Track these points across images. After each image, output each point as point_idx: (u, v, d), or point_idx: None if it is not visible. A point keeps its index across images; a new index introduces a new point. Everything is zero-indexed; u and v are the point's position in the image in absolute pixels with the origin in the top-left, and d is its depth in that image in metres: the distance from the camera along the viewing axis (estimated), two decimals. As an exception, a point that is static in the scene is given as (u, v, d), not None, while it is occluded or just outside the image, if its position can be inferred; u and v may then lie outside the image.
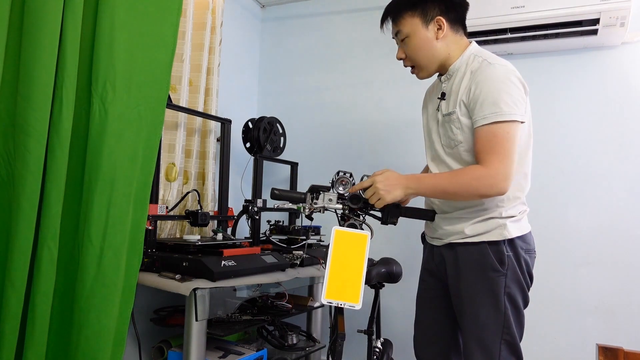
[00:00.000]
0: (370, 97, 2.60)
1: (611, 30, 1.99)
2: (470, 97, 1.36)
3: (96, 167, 1.46)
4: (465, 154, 1.41)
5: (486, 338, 1.37)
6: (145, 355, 1.96)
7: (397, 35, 1.52)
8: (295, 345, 2.12)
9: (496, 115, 1.30)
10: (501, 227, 1.37)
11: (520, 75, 1.38)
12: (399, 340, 2.17)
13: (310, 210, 1.39)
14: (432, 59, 1.48)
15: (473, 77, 1.37)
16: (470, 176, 1.32)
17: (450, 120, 1.43)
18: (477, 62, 1.40)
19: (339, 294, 1.19)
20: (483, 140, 1.32)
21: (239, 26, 2.76)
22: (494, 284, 1.36)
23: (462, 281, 1.42)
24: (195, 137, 2.27)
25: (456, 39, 1.48)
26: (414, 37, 1.46)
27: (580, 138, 2.17)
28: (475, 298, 1.38)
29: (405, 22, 1.47)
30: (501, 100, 1.30)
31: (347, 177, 1.39)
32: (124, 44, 1.49)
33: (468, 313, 1.40)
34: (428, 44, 1.46)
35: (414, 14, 1.46)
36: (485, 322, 1.37)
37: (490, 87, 1.32)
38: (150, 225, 1.75)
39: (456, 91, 1.42)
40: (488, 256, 1.36)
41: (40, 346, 1.37)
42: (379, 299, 1.88)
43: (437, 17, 1.45)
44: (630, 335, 2.01)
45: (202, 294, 1.61)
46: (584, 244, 2.12)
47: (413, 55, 1.49)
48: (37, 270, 1.37)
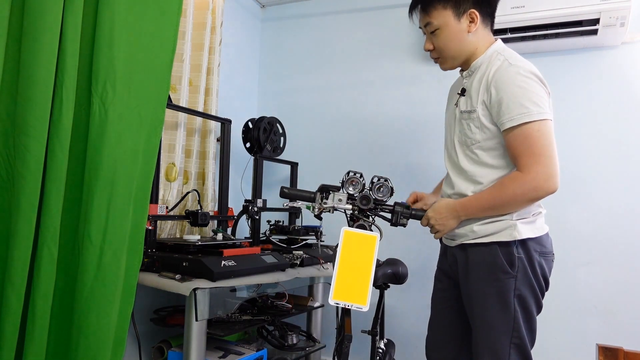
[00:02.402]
0: (370, 97, 2.60)
1: (611, 30, 1.99)
2: (492, 99, 1.33)
3: (96, 167, 1.45)
4: (481, 153, 1.39)
5: (495, 341, 1.34)
6: (145, 355, 1.96)
7: (426, 27, 1.47)
8: (295, 345, 2.12)
9: (524, 116, 1.27)
10: (511, 228, 1.34)
11: (542, 75, 1.35)
12: (400, 340, 2.17)
13: (320, 210, 1.39)
14: (461, 52, 1.44)
15: (493, 77, 1.34)
16: (513, 187, 1.29)
17: (470, 118, 1.40)
18: (499, 61, 1.36)
19: (347, 295, 1.18)
20: (516, 144, 1.29)
21: (239, 26, 2.76)
22: (504, 285, 1.33)
23: (471, 282, 1.40)
24: (195, 137, 2.27)
25: (485, 33, 1.45)
26: (446, 29, 1.42)
27: (580, 138, 2.17)
28: (484, 300, 1.37)
29: (437, 14, 1.42)
30: (527, 100, 1.28)
31: (357, 177, 1.38)
32: (124, 44, 1.49)
33: (477, 315, 1.39)
34: (459, 37, 1.42)
35: (446, 5, 1.41)
36: (494, 325, 1.35)
37: (514, 88, 1.30)
38: (150, 225, 1.75)
39: (477, 89, 1.39)
40: (497, 257, 1.34)
41: (40, 346, 1.37)
42: (383, 299, 1.88)
43: (470, 10, 1.41)
44: (630, 335, 2.01)
45: (202, 294, 1.61)
46: (584, 244, 2.12)
47: (443, 47, 1.45)
48: (37, 270, 1.37)
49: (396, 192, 1.68)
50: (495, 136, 1.36)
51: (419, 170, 2.43)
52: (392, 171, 2.51)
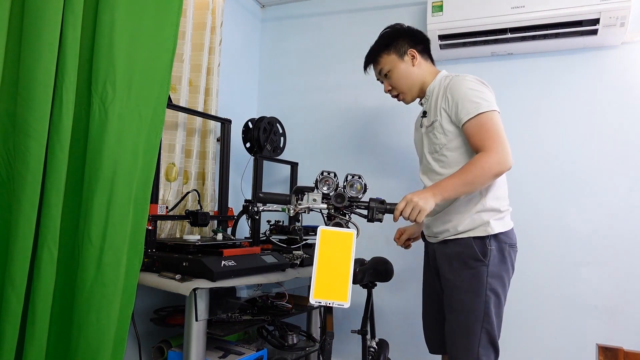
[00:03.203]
0: (370, 97, 2.60)
1: (611, 30, 1.99)
2: (450, 103, 1.58)
3: (96, 167, 1.46)
4: (449, 154, 1.61)
5: (470, 324, 1.52)
6: (145, 355, 1.96)
7: (380, 74, 1.80)
8: (295, 345, 2.12)
9: (478, 108, 1.52)
10: (485, 225, 1.55)
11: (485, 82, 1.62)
12: (394, 339, 2.17)
13: (295, 211, 1.41)
14: (413, 84, 1.74)
15: (448, 86, 1.60)
16: (480, 164, 1.47)
17: (433, 128, 1.63)
18: (448, 80, 1.63)
19: (328, 294, 1.21)
20: (474, 132, 1.52)
21: (239, 26, 2.76)
22: (477, 272, 1.53)
23: (451, 270, 1.59)
24: (195, 137, 2.27)
25: (428, 65, 1.76)
26: (395, 69, 1.73)
27: (580, 138, 2.17)
28: (461, 284, 1.55)
29: (385, 61, 1.75)
30: (477, 97, 1.54)
31: (330, 176, 1.41)
32: (124, 44, 1.49)
33: (456, 299, 1.56)
34: (407, 72, 1.73)
35: (389, 52, 1.74)
36: (470, 309, 1.52)
37: (466, 90, 1.55)
38: (150, 225, 1.75)
39: (435, 105, 1.64)
40: (472, 248, 1.55)
41: (40, 346, 1.37)
42: (372, 298, 1.88)
43: (409, 50, 1.73)
44: (630, 335, 2.01)
45: (202, 294, 1.61)
46: (584, 244, 2.12)
47: (397, 84, 1.75)
48: (37, 270, 1.37)
49: (399, 193, 1.69)
50: (457, 136, 1.59)
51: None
52: (393, 171, 2.52)
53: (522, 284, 2.13)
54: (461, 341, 1.53)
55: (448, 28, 2.21)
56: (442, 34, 2.23)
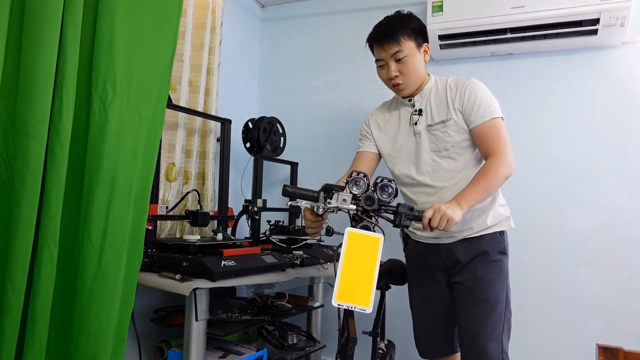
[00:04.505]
0: (370, 97, 2.60)
1: (611, 30, 1.99)
2: (465, 104, 1.61)
3: (96, 167, 1.45)
4: (460, 151, 1.64)
5: (498, 313, 1.57)
6: (145, 355, 1.96)
7: (392, 55, 1.62)
8: (295, 345, 2.12)
9: (493, 113, 1.58)
10: (507, 219, 1.66)
11: None
12: (399, 341, 2.17)
13: (324, 209, 1.38)
14: (419, 79, 1.68)
15: (458, 89, 1.63)
16: (495, 168, 1.52)
17: (445, 126, 1.63)
18: (449, 81, 1.67)
19: (350, 297, 1.16)
20: (487, 134, 1.58)
21: (239, 26, 2.76)
22: (502, 265, 1.63)
23: (479, 265, 1.61)
24: (195, 137, 2.27)
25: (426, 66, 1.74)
26: (412, 57, 1.63)
27: (580, 138, 2.17)
28: (489, 276, 1.60)
29: (406, 45, 1.62)
30: (492, 103, 1.60)
31: (361, 177, 1.37)
32: (124, 44, 1.49)
33: (483, 291, 1.59)
34: (420, 65, 1.67)
35: (410, 38, 1.64)
36: (498, 298, 1.58)
37: (482, 93, 1.60)
38: (150, 225, 1.75)
39: (443, 103, 1.65)
40: (499, 242, 1.63)
41: (40, 346, 1.37)
42: (384, 300, 1.87)
43: (424, 44, 1.69)
44: (630, 335, 2.01)
45: (202, 294, 1.61)
46: (584, 244, 2.12)
47: (409, 73, 1.64)
48: (37, 270, 1.36)
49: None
50: (469, 135, 1.63)
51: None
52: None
53: (522, 284, 2.13)
54: (490, 330, 1.56)
55: (448, 28, 2.21)
56: (442, 34, 2.23)
